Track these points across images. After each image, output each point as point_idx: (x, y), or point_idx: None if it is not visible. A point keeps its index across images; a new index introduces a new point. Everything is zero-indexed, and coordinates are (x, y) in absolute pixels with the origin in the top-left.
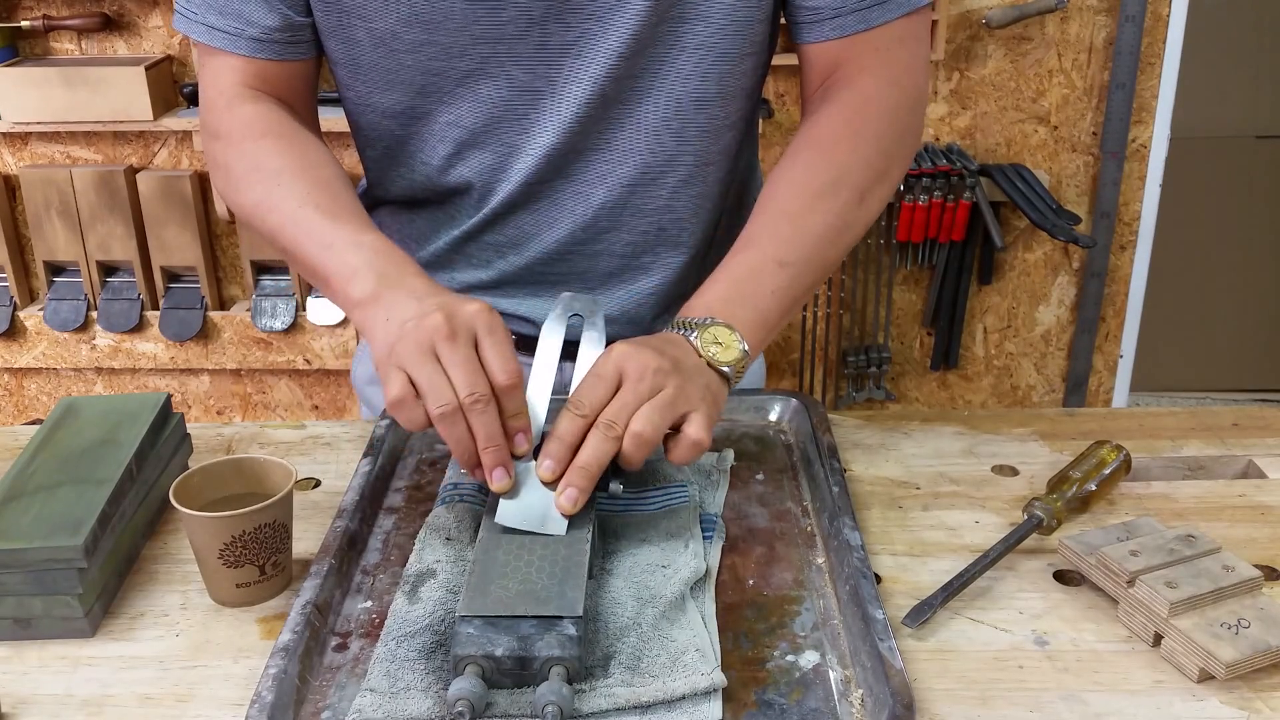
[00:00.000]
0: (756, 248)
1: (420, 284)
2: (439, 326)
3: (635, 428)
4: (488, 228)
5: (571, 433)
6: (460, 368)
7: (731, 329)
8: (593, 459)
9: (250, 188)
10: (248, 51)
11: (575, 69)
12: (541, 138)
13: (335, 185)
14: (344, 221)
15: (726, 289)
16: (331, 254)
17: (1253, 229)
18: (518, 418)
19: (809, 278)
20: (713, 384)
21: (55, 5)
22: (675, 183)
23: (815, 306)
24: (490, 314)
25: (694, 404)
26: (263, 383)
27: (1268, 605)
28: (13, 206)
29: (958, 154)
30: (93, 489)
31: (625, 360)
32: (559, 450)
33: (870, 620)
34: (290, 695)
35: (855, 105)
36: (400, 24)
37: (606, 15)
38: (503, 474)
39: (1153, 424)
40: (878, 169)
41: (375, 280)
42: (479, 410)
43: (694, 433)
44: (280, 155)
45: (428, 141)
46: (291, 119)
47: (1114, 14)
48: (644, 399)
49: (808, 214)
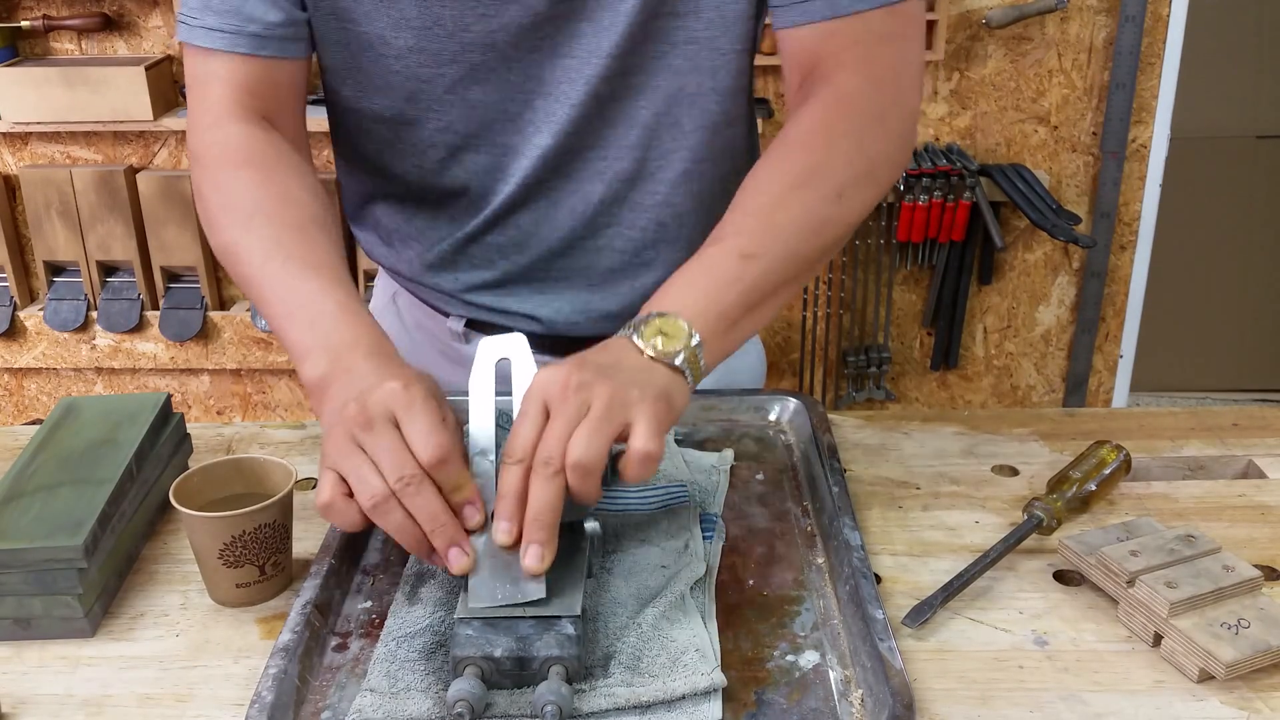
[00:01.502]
0: (719, 242)
1: (366, 366)
2: (354, 417)
3: (572, 458)
4: (489, 229)
5: (514, 485)
6: (383, 453)
7: (677, 319)
8: (541, 506)
9: (223, 229)
10: (248, 49)
11: (568, 69)
12: (537, 139)
13: (309, 229)
14: (309, 276)
15: (680, 284)
16: (290, 326)
17: (1253, 229)
18: (459, 491)
19: (779, 273)
20: (659, 380)
21: (55, 5)
22: (673, 178)
23: (815, 306)
24: (408, 389)
25: (632, 408)
26: (263, 383)
27: (1268, 605)
28: (13, 206)
29: (958, 154)
30: (93, 489)
31: (545, 388)
32: (508, 508)
33: (870, 620)
34: (290, 695)
35: (831, 102)
36: (390, 29)
37: (598, 15)
38: (458, 553)
39: (1153, 424)
40: (858, 168)
41: (325, 364)
42: (412, 492)
43: (640, 444)
44: (255, 192)
45: (420, 146)
46: (277, 145)
47: (1114, 14)
48: (574, 423)
49: (777, 207)
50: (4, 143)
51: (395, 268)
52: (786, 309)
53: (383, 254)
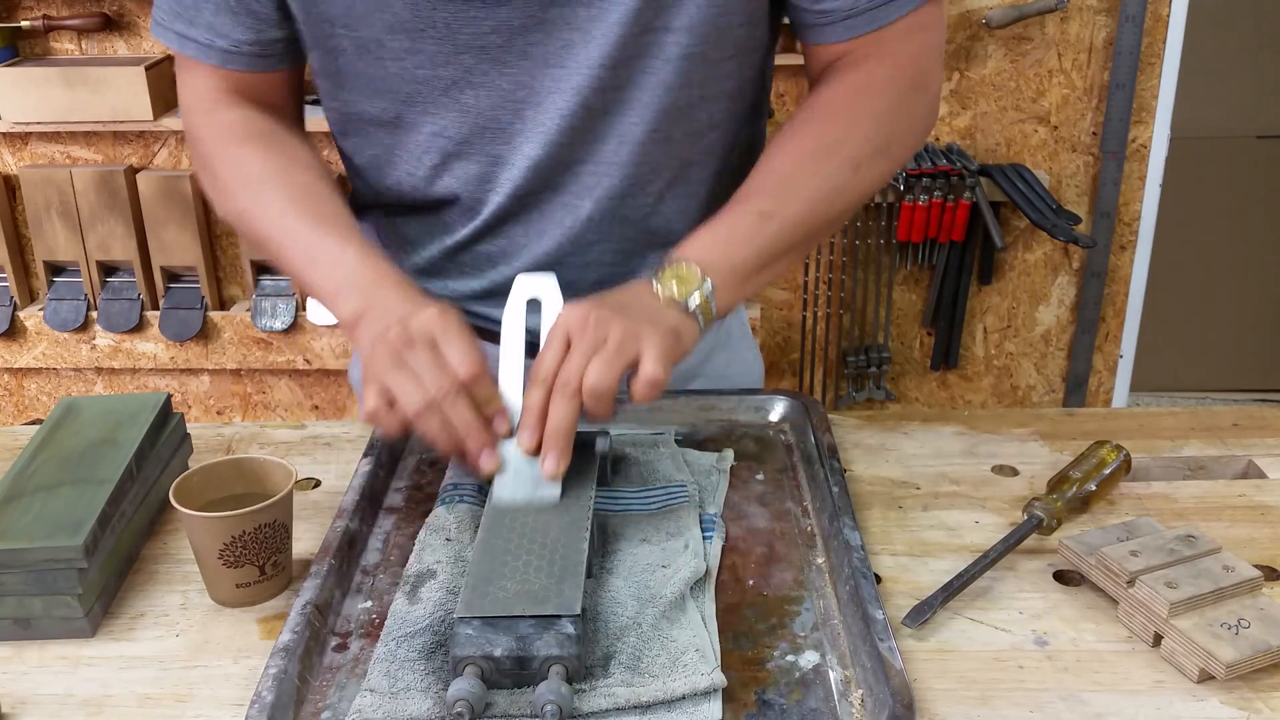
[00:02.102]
0: (739, 201)
1: (396, 296)
2: (397, 338)
3: (588, 383)
4: (479, 239)
5: (537, 402)
6: (424, 369)
7: (693, 266)
8: (560, 421)
9: (235, 195)
10: (219, 62)
11: (558, 79)
12: (526, 148)
13: (318, 189)
14: (327, 230)
15: (701, 237)
16: (316, 270)
17: (1253, 229)
18: (490, 403)
19: (794, 234)
20: (670, 319)
21: (55, 5)
22: (660, 187)
23: (815, 306)
24: (444, 315)
25: (643, 341)
26: (263, 383)
27: (1268, 605)
28: (13, 206)
29: (958, 154)
30: (93, 489)
31: (569, 320)
32: (530, 420)
33: (870, 620)
34: (290, 695)
35: (857, 84)
36: (385, 32)
37: (587, 26)
38: (489, 455)
39: (1153, 424)
40: (875, 143)
41: (359, 298)
42: (450, 402)
43: (648, 370)
44: (262, 161)
45: (413, 152)
46: (272, 121)
47: (1114, 14)
48: (592, 352)
49: (797, 172)
50: (4, 143)
51: None
52: (786, 309)
53: None
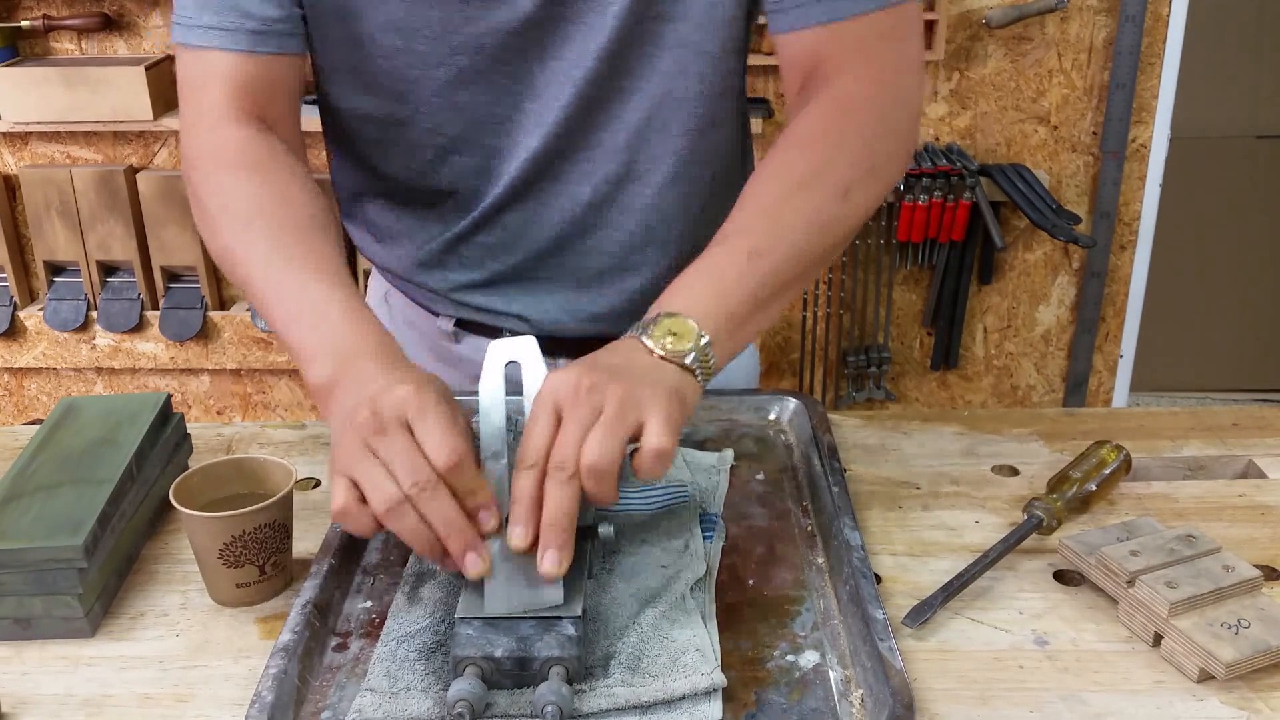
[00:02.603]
0: (727, 241)
1: (372, 368)
2: (366, 422)
3: (587, 461)
4: (477, 229)
5: (529, 489)
6: (396, 458)
7: (686, 319)
8: (557, 511)
9: (221, 231)
10: (247, 46)
11: (556, 72)
12: (525, 140)
13: (307, 231)
14: (310, 282)
15: (689, 282)
16: (294, 329)
17: (1253, 229)
18: (473, 495)
19: (786, 271)
20: (670, 379)
21: (55, 5)
22: (661, 181)
23: (815, 306)
24: (420, 393)
25: (644, 407)
26: (263, 383)
27: (1268, 605)
28: (13, 206)
29: (958, 154)
30: (93, 489)
31: (556, 390)
32: (523, 513)
33: (870, 620)
34: (290, 695)
35: (838, 103)
36: (377, 29)
37: (586, 18)
38: (474, 558)
39: (1153, 424)
40: (863, 167)
41: (331, 367)
42: (426, 497)
43: (654, 441)
44: (253, 194)
45: (409, 147)
46: (273, 147)
47: (1114, 14)
48: (587, 425)
49: (783, 206)
50: (4, 143)
51: (386, 265)
52: (787, 309)
53: (374, 251)
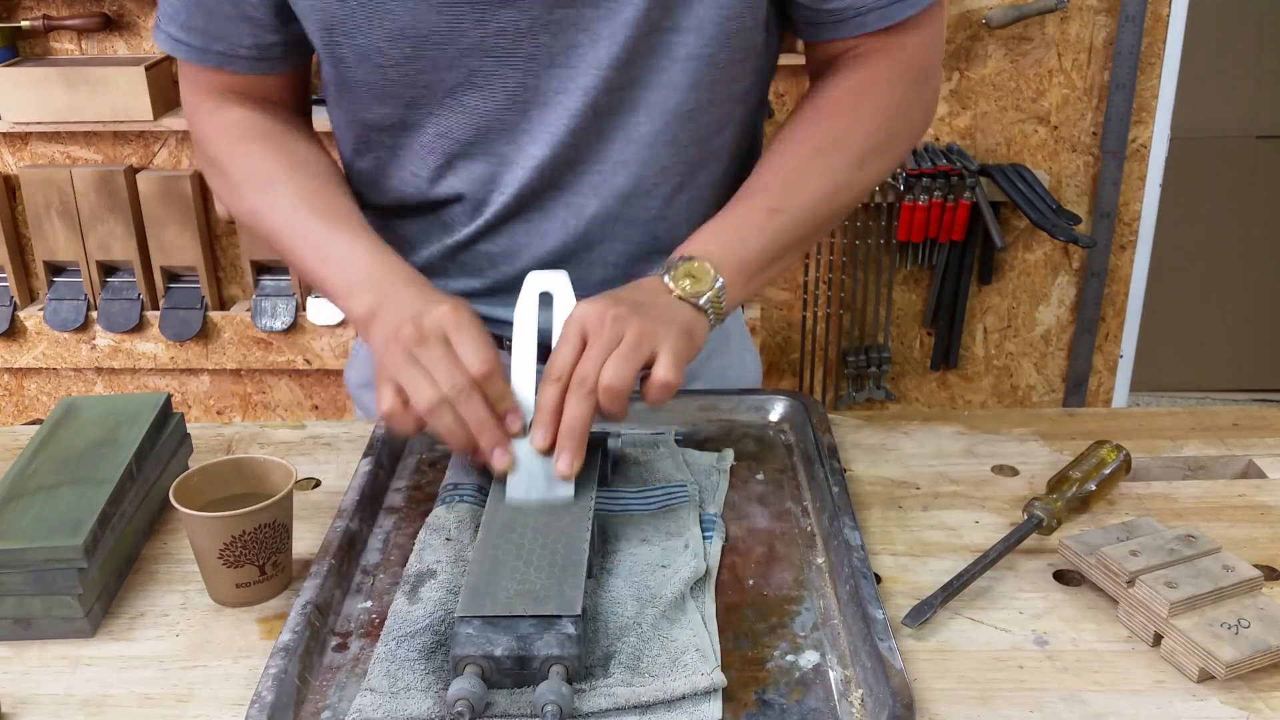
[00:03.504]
0: (746, 196)
1: (409, 293)
2: (410, 335)
3: (604, 381)
4: (481, 238)
5: (552, 400)
6: (437, 366)
7: (705, 263)
8: (575, 420)
9: (245, 194)
10: (216, 65)
11: (565, 80)
12: (532, 149)
13: (327, 186)
14: (338, 227)
15: (710, 232)
16: (327, 267)
17: (1253, 229)
18: (503, 400)
19: (800, 229)
20: (684, 318)
21: (55, 5)
22: (668, 191)
23: (815, 306)
24: (456, 312)
25: (659, 342)
26: (263, 383)
27: (1268, 605)
28: (13, 206)
29: (958, 154)
30: (93, 489)
31: (585, 317)
32: (545, 418)
33: (870, 620)
34: (290, 695)
35: (862, 80)
36: (385, 40)
37: (596, 26)
38: (501, 453)
39: (1153, 424)
40: (878, 139)
41: (372, 295)
42: (463, 399)
43: (661, 373)
44: (270, 159)
45: (417, 154)
46: (276, 121)
47: (1114, 14)
48: (608, 350)
49: (803, 168)
50: (4, 143)
51: None
52: (786, 309)
53: None
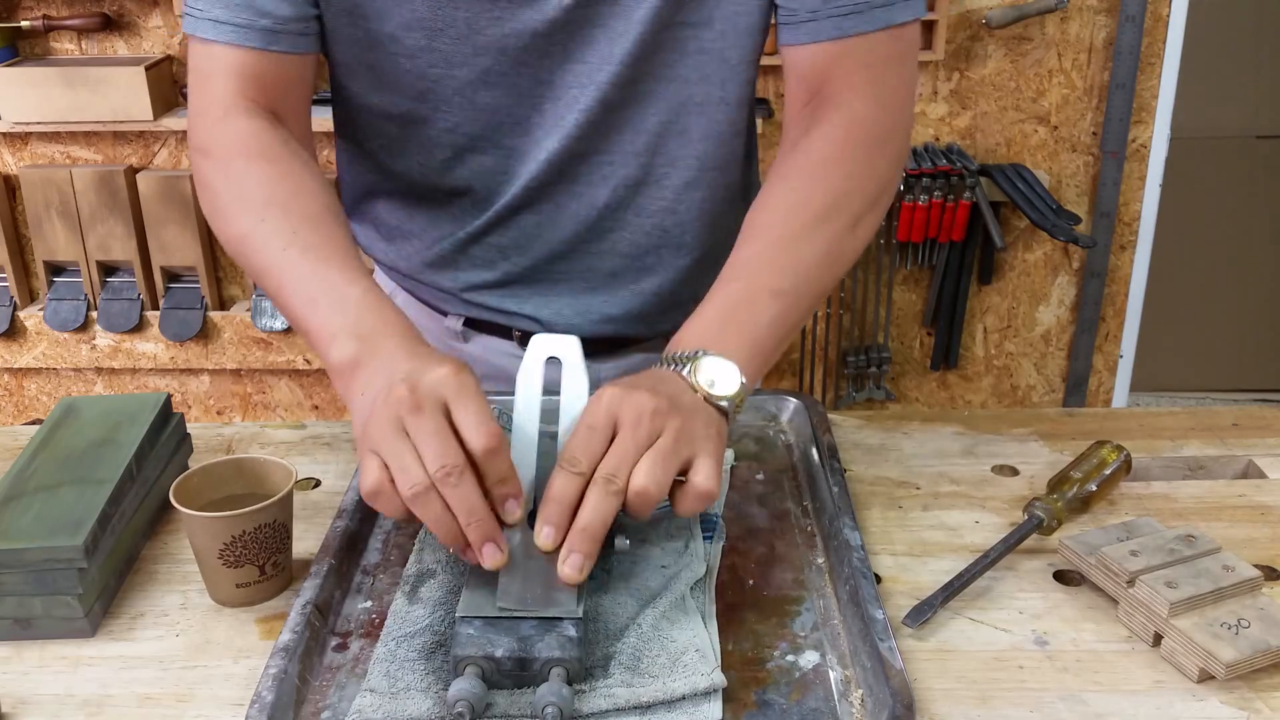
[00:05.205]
0: (748, 276)
1: (399, 347)
2: (403, 400)
3: (638, 484)
4: (492, 229)
5: (569, 493)
6: (428, 441)
7: (729, 362)
8: (595, 520)
9: (235, 219)
10: (259, 44)
11: (579, 75)
12: (544, 142)
13: (324, 221)
14: (331, 268)
15: (718, 320)
16: (313, 311)
17: (1253, 229)
18: (504, 483)
19: (803, 307)
20: (713, 421)
21: (55, 5)
22: (678, 185)
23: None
24: (459, 375)
25: (697, 446)
26: (263, 383)
27: (1268, 605)
28: (13, 206)
29: (958, 154)
30: (93, 489)
31: (618, 405)
32: (557, 513)
33: (870, 620)
34: (290, 695)
35: (847, 127)
36: (402, 28)
37: (612, 22)
38: (493, 549)
39: (1153, 424)
40: (870, 195)
41: (354, 346)
42: (452, 484)
43: (701, 482)
44: (268, 184)
45: (425, 145)
46: (285, 138)
47: (1114, 14)
48: (643, 447)
49: (801, 241)
50: (4, 143)
51: (393, 264)
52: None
53: (381, 250)
